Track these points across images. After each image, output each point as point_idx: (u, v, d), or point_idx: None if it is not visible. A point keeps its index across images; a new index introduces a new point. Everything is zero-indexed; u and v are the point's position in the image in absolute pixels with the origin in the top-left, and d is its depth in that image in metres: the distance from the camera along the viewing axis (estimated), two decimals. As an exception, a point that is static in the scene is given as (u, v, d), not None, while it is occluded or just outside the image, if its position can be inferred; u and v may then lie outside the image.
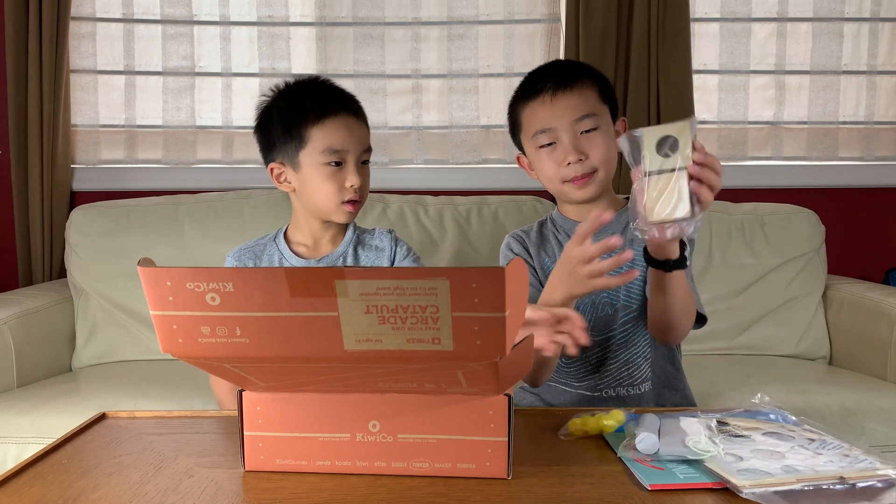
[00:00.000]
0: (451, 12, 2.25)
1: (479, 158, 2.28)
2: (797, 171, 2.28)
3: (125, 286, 1.94)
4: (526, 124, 1.24)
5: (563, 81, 1.20)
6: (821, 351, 1.98)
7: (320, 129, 1.25)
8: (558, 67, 1.27)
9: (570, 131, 1.19)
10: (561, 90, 1.19)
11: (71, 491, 0.74)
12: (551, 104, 1.19)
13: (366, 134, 1.30)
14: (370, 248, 1.34)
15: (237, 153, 2.27)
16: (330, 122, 1.25)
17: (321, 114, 1.25)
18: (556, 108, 1.19)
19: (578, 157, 1.18)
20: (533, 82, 1.23)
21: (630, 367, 1.24)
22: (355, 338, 0.66)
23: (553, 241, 1.30)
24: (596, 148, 1.19)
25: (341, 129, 1.25)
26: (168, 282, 0.66)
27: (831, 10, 2.25)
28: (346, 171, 1.26)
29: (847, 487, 0.72)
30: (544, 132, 1.20)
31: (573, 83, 1.20)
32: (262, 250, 1.33)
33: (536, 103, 1.21)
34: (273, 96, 1.30)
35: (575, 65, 1.29)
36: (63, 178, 2.17)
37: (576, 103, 1.19)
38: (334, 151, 1.25)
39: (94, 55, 2.24)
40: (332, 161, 1.25)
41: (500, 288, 0.62)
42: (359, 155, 1.27)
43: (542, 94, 1.20)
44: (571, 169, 1.19)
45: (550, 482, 0.76)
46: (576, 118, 1.19)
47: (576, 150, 1.18)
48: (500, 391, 0.76)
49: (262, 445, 0.79)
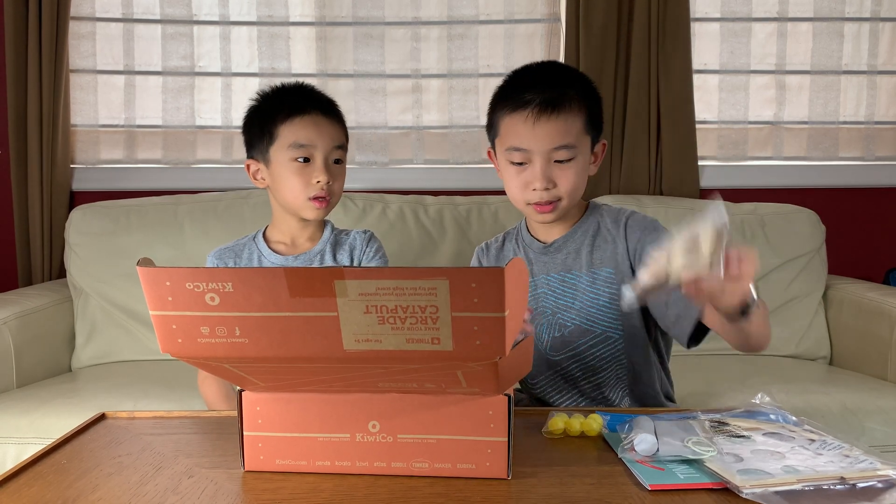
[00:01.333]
0: (451, 12, 2.25)
1: (479, 158, 2.28)
2: (797, 171, 2.28)
3: (125, 286, 1.94)
4: (503, 134, 1.19)
5: (550, 102, 1.13)
6: (821, 351, 1.98)
7: (289, 125, 1.29)
8: (549, 78, 1.18)
9: (545, 158, 1.14)
10: (546, 114, 1.13)
11: (70, 491, 0.74)
12: (532, 127, 1.14)
13: (337, 132, 1.32)
14: (346, 249, 1.37)
15: (237, 153, 2.27)
16: (298, 118, 1.29)
17: (290, 112, 1.29)
18: (537, 132, 1.14)
19: (545, 186, 1.15)
20: (520, 89, 1.17)
21: (604, 390, 1.23)
22: (355, 338, 0.66)
23: (511, 256, 1.27)
24: (566, 179, 1.15)
25: (308, 125, 1.29)
26: (167, 282, 0.65)
27: (831, 10, 2.25)
28: (314, 167, 1.28)
29: (847, 488, 0.72)
30: (518, 151, 1.16)
31: (560, 107, 1.13)
32: (241, 249, 1.37)
33: (518, 119, 1.15)
34: (258, 99, 1.35)
35: (567, 78, 1.20)
36: (63, 178, 2.17)
37: (557, 131, 1.13)
38: (300, 146, 1.28)
39: (94, 55, 2.24)
40: (300, 156, 1.28)
41: (499, 288, 0.62)
42: (328, 152, 1.30)
43: (525, 110, 1.14)
44: (536, 195, 1.16)
45: (550, 482, 0.76)
46: (553, 147, 1.14)
47: (545, 178, 1.15)
48: (499, 391, 0.76)
49: (262, 445, 0.79)
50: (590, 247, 1.21)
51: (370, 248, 1.38)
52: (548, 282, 1.23)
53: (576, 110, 1.15)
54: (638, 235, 1.18)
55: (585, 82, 1.21)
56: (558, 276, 1.22)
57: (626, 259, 1.18)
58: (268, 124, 1.30)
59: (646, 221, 1.21)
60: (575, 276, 1.21)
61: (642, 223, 1.20)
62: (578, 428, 0.89)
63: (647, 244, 1.13)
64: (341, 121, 1.35)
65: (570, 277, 1.21)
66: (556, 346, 1.22)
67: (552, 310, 1.22)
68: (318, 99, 1.33)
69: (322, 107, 1.32)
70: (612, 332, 1.19)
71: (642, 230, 1.19)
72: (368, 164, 2.27)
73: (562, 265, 1.22)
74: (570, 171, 1.16)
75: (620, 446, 0.83)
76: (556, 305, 1.22)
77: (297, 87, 1.35)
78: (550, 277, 1.23)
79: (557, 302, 1.22)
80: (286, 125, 1.29)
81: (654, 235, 1.16)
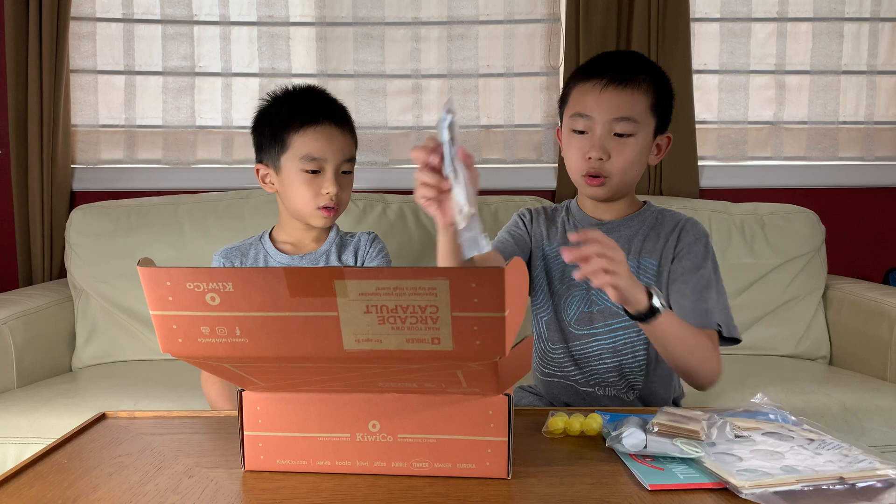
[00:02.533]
0: (451, 12, 2.25)
1: (479, 158, 2.28)
2: (797, 171, 2.28)
3: (125, 286, 1.94)
4: (572, 102, 1.22)
5: (620, 76, 1.17)
6: (821, 351, 1.98)
7: (301, 136, 1.29)
8: (626, 60, 1.23)
9: (605, 128, 1.17)
10: (613, 84, 1.17)
11: (71, 491, 0.74)
12: (599, 94, 1.17)
13: (348, 144, 1.33)
14: (350, 250, 1.39)
15: (237, 153, 2.27)
16: (311, 130, 1.29)
17: (304, 122, 1.29)
18: (602, 100, 1.17)
19: (600, 156, 1.17)
20: (597, 64, 1.22)
21: (619, 375, 1.24)
22: (355, 338, 0.66)
23: (560, 228, 1.31)
24: (620, 154, 1.17)
25: (321, 138, 1.29)
26: (168, 282, 0.66)
27: (831, 10, 2.25)
28: (324, 179, 1.30)
29: (847, 487, 0.72)
30: (582, 117, 1.19)
31: (629, 81, 1.17)
32: (248, 249, 1.38)
33: (588, 87, 1.19)
34: (268, 101, 1.36)
35: (643, 64, 1.23)
36: (63, 178, 2.17)
37: (621, 103, 1.17)
38: (312, 159, 1.29)
39: (94, 55, 2.24)
40: (311, 168, 1.29)
41: (499, 288, 0.62)
42: (338, 164, 1.31)
43: (596, 80, 1.18)
44: (590, 164, 1.18)
45: (550, 482, 0.76)
46: (614, 117, 1.17)
47: (600, 148, 1.17)
48: (499, 391, 0.76)
49: (262, 445, 0.79)
50: (643, 237, 1.24)
51: (374, 249, 1.40)
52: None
53: (644, 89, 1.18)
54: (688, 241, 1.21)
55: (660, 73, 1.23)
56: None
57: (669, 258, 1.21)
58: (280, 132, 1.31)
59: (697, 232, 1.23)
60: None
61: (693, 232, 1.23)
62: (578, 427, 0.89)
63: (685, 259, 1.19)
64: (352, 130, 1.35)
65: None
66: (582, 321, 1.24)
67: (587, 286, 1.23)
68: (330, 107, 1.33)
69: (335, 117, 1.32)
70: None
71: (693, 241, 1.21)
72: (368, 164, 2.28)
73: None
74: (627, 148, 1.17)
75: (610, 437, 0.84)
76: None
77: (309, 92, 1.35)
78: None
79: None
80: (299, 135, 1.29)
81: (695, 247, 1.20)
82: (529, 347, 0.77)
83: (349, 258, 1.38)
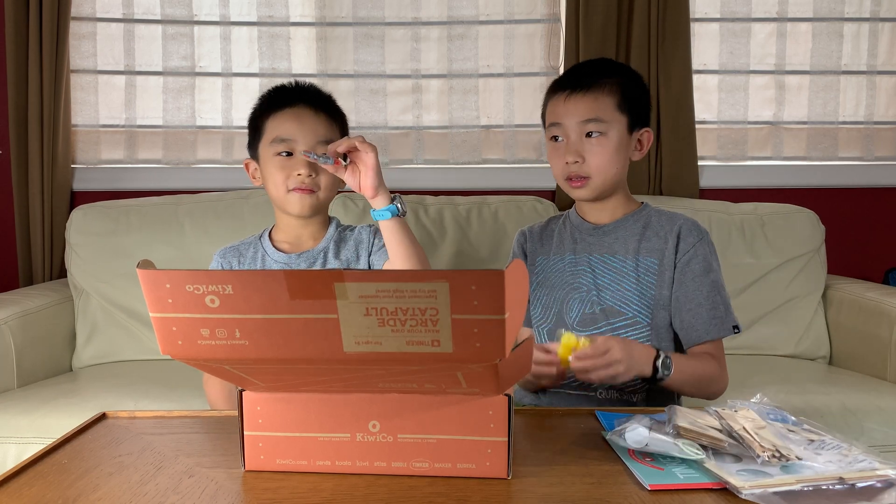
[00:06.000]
0: (451, 12, 2.25)
1: (479, 158, 2.28)
2: (797, 171, 2.28)
3: (125, 286, 1.94)
4: (547, 114, 1.31)
5: (582, 82, 1.25)
6: (821, 351, 1.98)
7: (272, 119, 1.30)
8: (588, 67, 1.31)
9: (576, 131, 1.24)
10: (578, 91, 1.24)
11: (71, 491, 0.75)
12: (565, 102, 1.25)
13: (323, 127, 1.30)
14: (350, 244, 1.36)
15: (237, 153, 2.27)
16: (281, 113, 1.30)
17: (276, 107, 1.30)
18: (568, 107, 1.25)
19: (575, 159, 1.24)
20: (565, 76, 1.32)
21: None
22: (355, 340, 0.66)
23: (556, 237, 1.35)
24: (594, 154, 1.24)
25: (290, 118, 1.29)
26: (167, 284, 0.66)
27: (831, 10, 2.25)
28: (295, 160, 1.28)
29: (846, 488, 0.72)
30: (555, 126, 1.27)
31: (591, 86, 1.24)
32: (246, 249, 1.37)
33: (558, 98, 1.27)
34: (259, 99, 1.36)
35: (605, 66, 1.31)
36: (63, 178, 2.17)
37: (586, 106, 1.24)
38: (282, 140, 1.28)
39: (95, 55, 2.24)
40: (282, 151, 1.28)
41: (499, 290, 0.62)
42: (312, 146, 1.27)
43: (562, 91, 1.26)
44: (568, 168, 1.25)
45: (550, 482, 0.76)
46: (582, 120, 1.24)
47: (575, 152, 1.24)
48: (499, 391, 0.76)
49: (263, 445, 0.79)
50: (639, 236, 1.28)
51: (378, 240, 1.36)
52: (590, 261, 1.29)
53: (607, 89, 1.25)
54: (691, 242, 1.25)
55: (626, 72, 1.31)
56: (601, 257, 1.29)
57: (672, 258, 1.25)
58: (256, 121, 1.32)
59: (699, 231, 1.27)
60: (620, 260, 1.27)
61: (695, 232, 1.26)
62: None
63: (693, 262, 1.24)
64: (335, 115, 1.33)
65: (613, 260, 1.28)
66: (585, 322, 1.27)
67: (588, 287, 1.27)
68: (307, 93, 1.32)
69: (310, 100, 1.30)
70: (641, 317, 1.25)
71: (696, 241, 1.25)
72: (368, 164, 2.27)
73: (608, 248, 1.29)
74: (600, 148, 1.24)
75: (612, 432, 0.84)
76: (595, 284, 1.28)
77: (294, 84, 1.35)
78: (593, 257, 1.29)
79: (597, 280, 1.28)
80: (270, 120, 1.30)
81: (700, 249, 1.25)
82: (530, 348, 0.77)
83: (349, 253, 1.35)
